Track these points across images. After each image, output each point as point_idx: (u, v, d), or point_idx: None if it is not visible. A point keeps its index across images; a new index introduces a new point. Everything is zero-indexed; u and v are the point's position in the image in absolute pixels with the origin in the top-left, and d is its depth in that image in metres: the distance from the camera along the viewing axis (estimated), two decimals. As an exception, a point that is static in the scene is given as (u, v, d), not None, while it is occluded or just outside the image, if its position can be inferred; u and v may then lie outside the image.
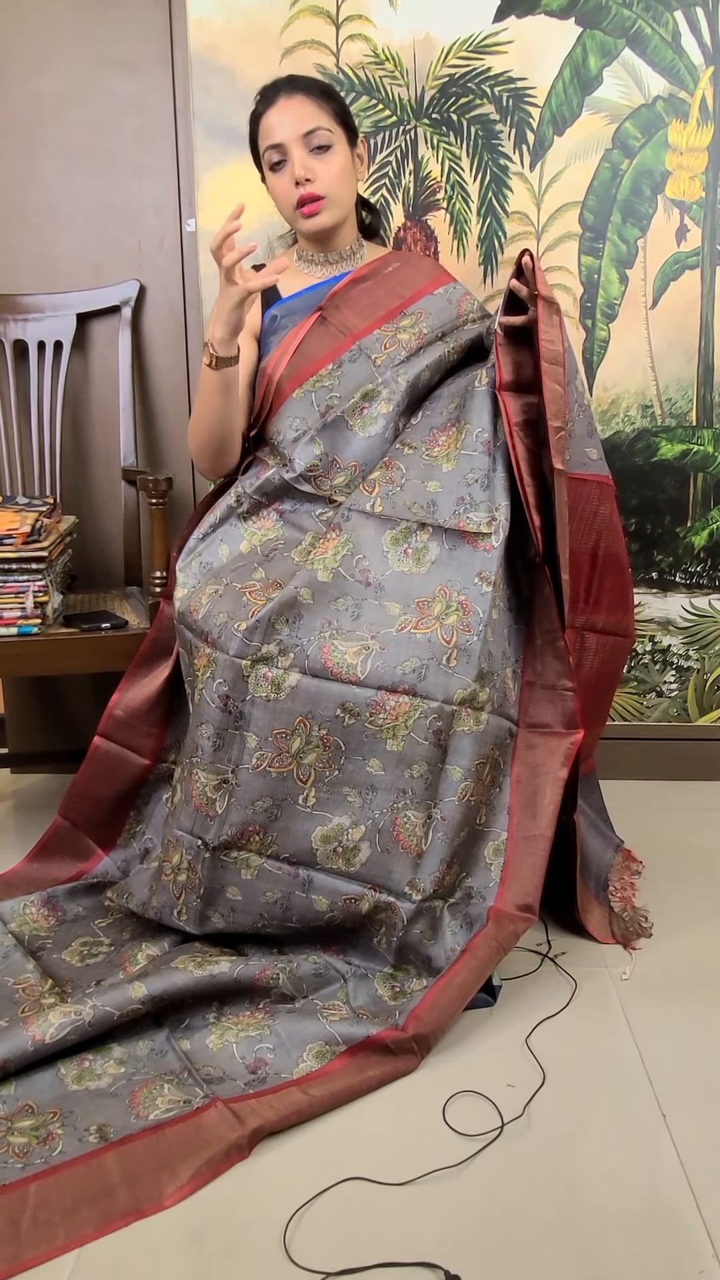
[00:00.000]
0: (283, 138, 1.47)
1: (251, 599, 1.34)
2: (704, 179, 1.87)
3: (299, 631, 1.30)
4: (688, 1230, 0.98)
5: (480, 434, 1.43)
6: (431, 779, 1.30)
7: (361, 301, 1.54)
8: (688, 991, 1.36)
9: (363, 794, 1.28)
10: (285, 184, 1.50)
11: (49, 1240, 0.97)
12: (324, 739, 1.27)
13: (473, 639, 1.31)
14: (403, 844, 1.29)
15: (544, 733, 1.40)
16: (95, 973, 1.37)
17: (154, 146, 1.94)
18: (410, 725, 1.27)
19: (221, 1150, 1.06)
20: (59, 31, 1.89)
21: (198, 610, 1.38)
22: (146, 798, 1.56)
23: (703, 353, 1.93)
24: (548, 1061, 1.22)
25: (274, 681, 1.27)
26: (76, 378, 2.00)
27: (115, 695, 1.54)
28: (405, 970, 1.32)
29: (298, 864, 1.30)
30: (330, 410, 1.48)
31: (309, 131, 1.47)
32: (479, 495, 1.40)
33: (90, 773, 1.54)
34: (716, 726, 2.09)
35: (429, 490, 1.42)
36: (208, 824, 1.31)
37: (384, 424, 1.48)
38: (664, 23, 1.82)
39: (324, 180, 1.48)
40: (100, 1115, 1.12)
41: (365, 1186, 1.04)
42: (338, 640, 1.29)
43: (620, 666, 1.53)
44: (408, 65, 1.84)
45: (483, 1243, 0.97)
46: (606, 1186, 1.04)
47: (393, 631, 1.30)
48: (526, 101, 1.85)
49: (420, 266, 1.62)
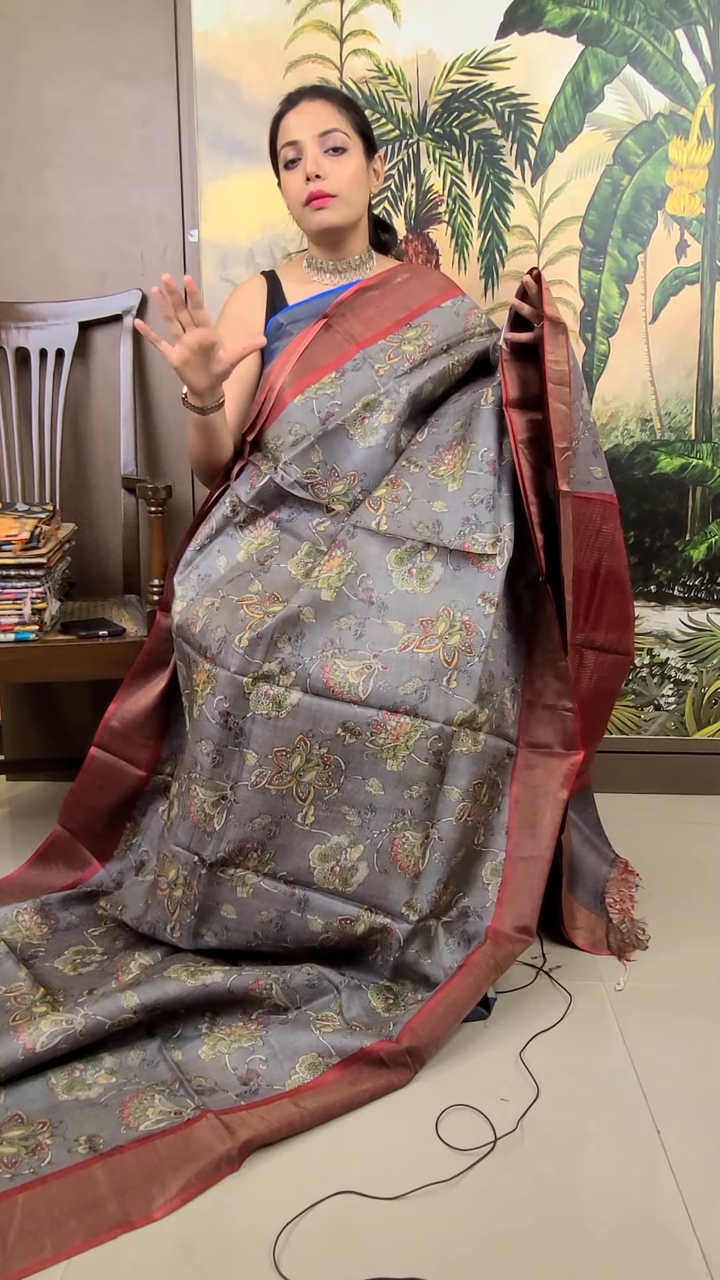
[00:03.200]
0: (299, 135, 1.49)
1: (249, 612, 1.33)
2: (704, 195, 1.89)
3: (301, 650, 1.29)
4: (682, 1248, 0.97)
5: (486, 453, 1.43)
6: (430, 799, 1.29)
7: (368, 311, 1.54)
8: (684, 1006, 1.36)
9: (362, 814, 1.28)
10: (297, 180, 1.51)
11: (36, 1252, 0.96)
12: (324, 757, 1.27)
13: (474, 660, 1.31)
14: (401, 864, 1.28)
15: (544, 753, 1.40)
16: (87, 981, 1.36)
17: (158, 157, 1.95)
18: (411, 745, 1.27)
19: (211, 1162, 1.05)
20: (65, 43, 1.90)
21: (195, 623, 1.37)
22: (143, 809, 1.55)
23: (702, 367, 1.94)
24: (542, 1076, 1.21)
25: (275, 699, 1.27)
26: (78, 386, 2.01)
27: (111, 706, 1.53)
28: (401, 984, 1.32)
29: (294, 883, 1.29)
30: (331, 418, 1.48)
31: (325, 131, 1.48)
32: (484, 516, 1.40)
33: (86, 783, 1.54)
34: (714, 741, 2.08)
35: (434, 510, 1.42)
36: (205, 840, 1.30)
37: (384, 434, 1.47)
38: (665, 41, 1.83)
39: (335, 179, 1.49)
40: (90, 1126, 1.11)
41: (356, 1200, 1.03)
42: (340, 659, 1.29)
43: (619, 684, 1.53)
44: (411, 80, 1.85)
45: (475, 1259, 0.96)
46: (600, 1203, 1.03)
47: (395, 650, 1.30)
48: (528, 117, 1.86)
49: (429, 279, 1.62)
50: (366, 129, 1.54)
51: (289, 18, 1.83)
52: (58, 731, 2.15)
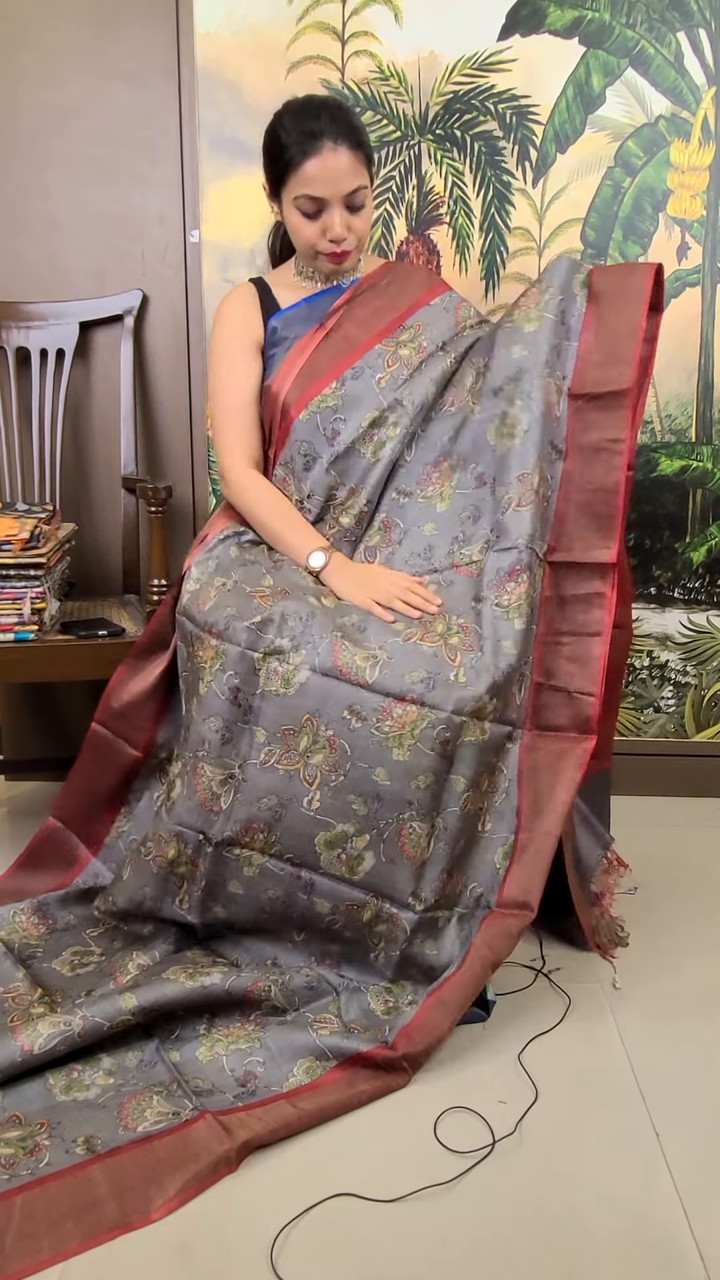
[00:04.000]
0: (325, 194, 1.45)
1: (261, 602, 1.34)
2: (705, 198, 1.89)
3: (311, 629, 1.31)
4: (680, 1251, 0.97)
5: (474, 469, 1.46)
6: (437, 789, 1.29)
7: (361, 314, 1.55)
8: (682, 1008, 1.35)
9: (368, 803, 1.28)
10: (317, 232, 1.49)
11: (34, 1253, 0.96)
12: (330, 740, 1.27)
13: (480, 656, 1.32)
14: (408, 854, 1.29)
15: (556, 736, 1.38)
16: (85, 982, 1.36)
17: (159, 158, 1.95)
18: (417, 735, 1.27)
19: (210, 1164, 1.05)
20: (68, 44, 1.90)
21: (205, 602, 1.38)
22: (139, 794, 1.56)
23: (703, 369, 1.94)
24: (540, 1078, 1.21)
25: (284, 677, 1.28)
26: (78, 386, 2.01)
27: (111, 685, 1.54)
28: (401, 985, 1.31)
29: (300, 865, 1.29)
30: (337, 437, 1.50)
31: (352, 192, 1.46)
32: (471, 530, 1.44)
33: (86, 759, 1.55)
34: (713, 743, 2.08)
35: (425, 534, 1.47)
36: (211, 819, 1.30)
37: (394, 446, 1.50)
38: (667, 43, 1.83)
39: (357, 235, 1.50)
40: (88, 1127, 1.11)
41: (354, 1203, 1.03)
42: (347, 642, 1.30)
43: (626, 657, 1.56)
44: (412, 81, 1.85)
45: (472, 1262, 0.96)
46: (598, 1206, 1.03)
47: (399, 642, 1.31)
48: (530, 119, 1.86)
49: (415, 277, 1.63)
50: (371, 154, 1.51)
51: (291, 19, 1.83)
52: (56, 731, 2.15)
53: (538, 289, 1.51)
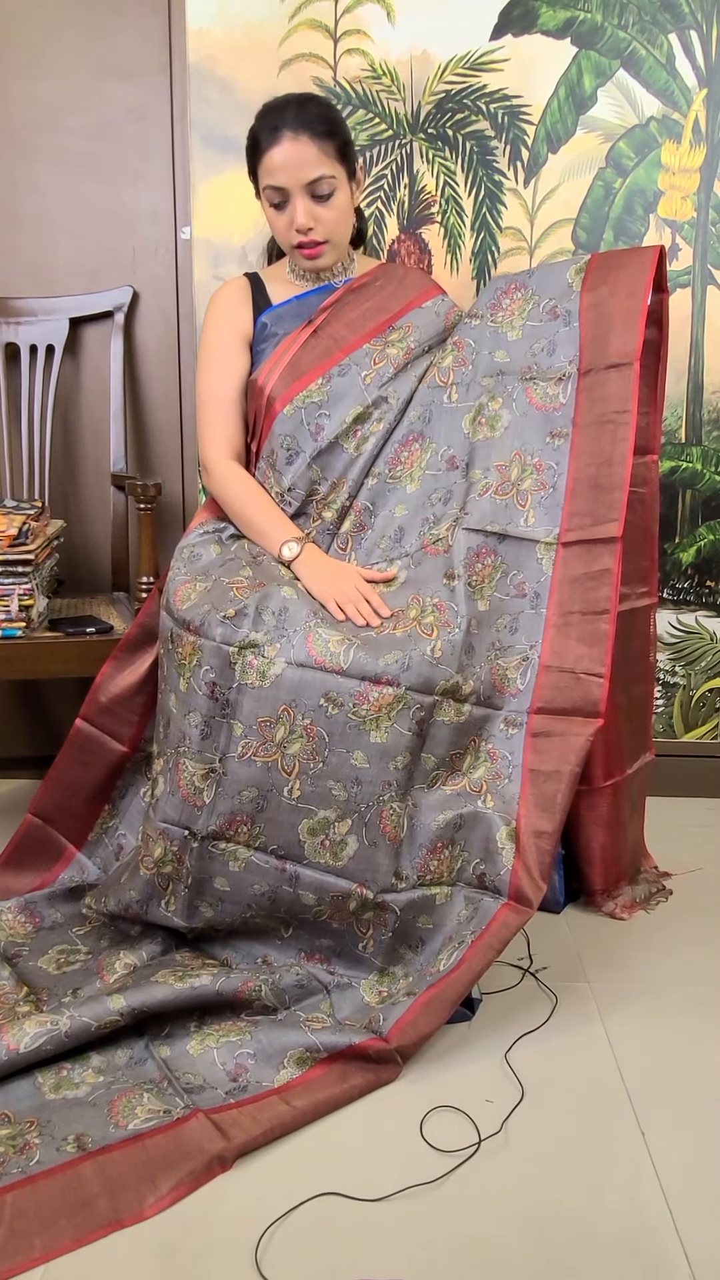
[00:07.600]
0: (284, 182, 1.46)
1: (238, 594, 1.35)
2: (695, 199, 1.89)
3: (285, 622, 1.31)
4: (665, 1251, 0.98)
5: (445, 451, 1.48)
6: (412, 768, 1.31)
7: (351, 313, 1.56)
8: (668, 1008, 1.36)
9: (348, 787, 1.28)
10: (286, 223, 1.50)
11: (26, 1251, 0.96)
12: (307, 729, 1.27)
13: (455, 632, 1.33)
14: (389, 835, 1.30)
15: (561, 718, 1.36)
16: (72, 980, 1.36)
17: (151, 154, 1.94)
18: (394, 716, 1.28)
19: (203, 1163, 1.06)
20: (59, 39, 1.89)
21: (183, 601, 1.38)
22: (123, 790, 1.56)
23: (692, 371, 1.95)
24: (526, 1077, 1.22)
25: (259, 670, 1.28)
26: (67, 382, 2.00)
27: (98, 679, 1.53)
28: (393, 974, 1.32)
29: (285, 858, 1.29)
30: (321, 433, 1.50)
31: (313, 180, 1.46)
32: (440, 510, 1.46)
33: (68, 756, 1.54)
34: (702, 743, 2.09)
35: (396, 517, 1.48)
36: (195, 814, 1.31)
37: (375, 442, 1.51)
38: (659, 45, 1.84)
39: (325, 225, 1.50)
40: (78, 1125, 1.11)
41: (340, 1202, 1.03)
42: (321, 629, 1.31)
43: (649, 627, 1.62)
44: (404, 80, 1.85)
45: (457, 1262, 0.96)
46: (583, 1206, 1.03)
47: (372, 633, 1.33)
48: (521, 119, 1.86)
49: (409, 279, 1.63)
50: (348, 148, 1.50)
51: (283, 16, 1.82)
52: (43, 729, 2.15)
53: (523, 295, 1.53)
